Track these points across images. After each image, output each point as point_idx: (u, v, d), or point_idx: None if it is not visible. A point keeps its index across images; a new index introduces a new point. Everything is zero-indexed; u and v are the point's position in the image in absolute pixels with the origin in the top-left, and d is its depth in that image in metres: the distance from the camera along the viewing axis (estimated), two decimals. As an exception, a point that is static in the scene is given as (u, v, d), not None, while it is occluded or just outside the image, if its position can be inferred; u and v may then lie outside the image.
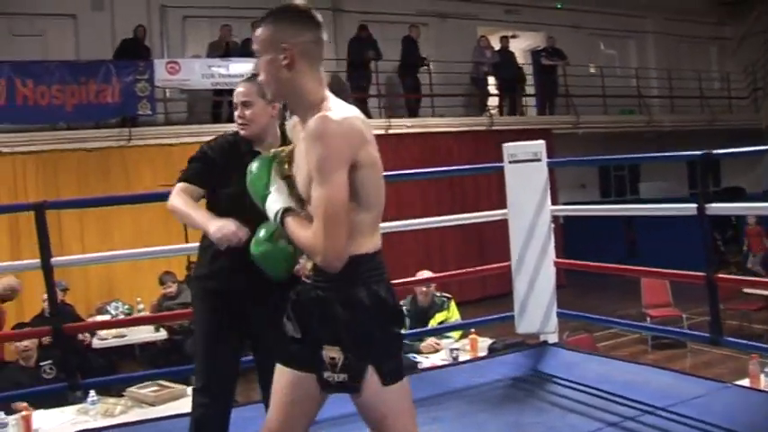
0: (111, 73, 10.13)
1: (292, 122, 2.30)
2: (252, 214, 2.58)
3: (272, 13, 2.09)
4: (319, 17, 2.12)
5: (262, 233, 2.30)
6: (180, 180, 2.95)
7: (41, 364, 5.78)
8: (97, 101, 9.93)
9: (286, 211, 2.14)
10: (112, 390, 5.32)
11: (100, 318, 8.65)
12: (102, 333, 7.75)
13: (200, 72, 10.79)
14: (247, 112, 2.91)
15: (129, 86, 10.16)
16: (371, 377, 2.08)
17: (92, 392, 4.83)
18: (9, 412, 4.58)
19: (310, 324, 2.15)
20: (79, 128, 10.24)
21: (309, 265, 2.17)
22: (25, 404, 4.52)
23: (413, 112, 13.11)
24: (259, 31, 2.10)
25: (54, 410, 4.93)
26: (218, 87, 11.02)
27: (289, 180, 2.22)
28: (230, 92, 10.74)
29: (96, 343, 7.54)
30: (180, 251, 4.84)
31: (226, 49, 11.41)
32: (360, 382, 2.08)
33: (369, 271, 2.14)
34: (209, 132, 10.56)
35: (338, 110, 2.04)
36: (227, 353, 2.95)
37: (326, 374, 2.09)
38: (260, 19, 2.12)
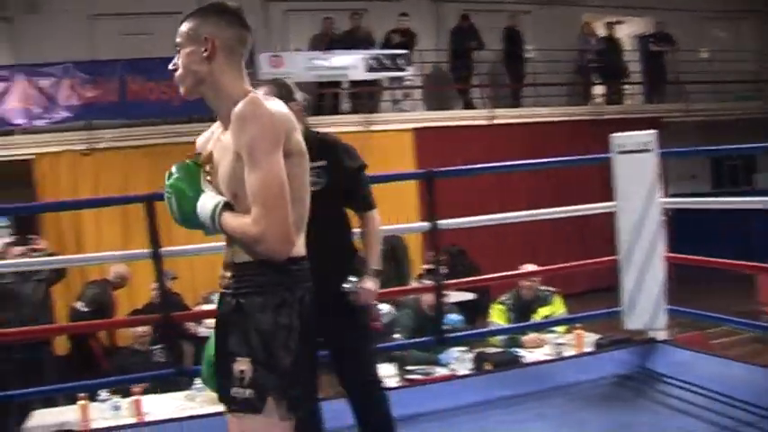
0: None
1: (203, 139, 2.26)
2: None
3: (200, 8, 2.09)
4: (245, 20, 2.13)
5: None
6: None
7: (152, 348, 5.97)
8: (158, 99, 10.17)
9: (226, 205, 1.98)
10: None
11: (206, 307, 8.86)
12: (208, 322, 7.92)
13: (303, 65, 10.91)
14: None
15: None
16: (275, 403, 1.91)
17: (197, 379, 4.95)
18: (124, 395, 4.77)
19: (228, 338, 1.99)
20: (186, 122, 10.51)
21: (228, 272, 2.06)
22: (139, 388, 4.71)
23: (516, 103, 12.92)
24: (183, 25, 2.08)
25: (163, 395, 5.09)
26: (321, 80, 11.13)
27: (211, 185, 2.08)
28: (333, 84, 10.88)
29: (202, 331, 7.71)
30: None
31: (328, 42, 11.50)
32: (265, 400, 1.90)
33: (294, 276, 2.02)
34: (313, 124, 10.69)
35: (265, 97, 2.00)
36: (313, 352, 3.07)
37: (233, 390, 1.92)
38: (187, 15, 2.11)
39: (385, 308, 6.04)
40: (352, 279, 2.96)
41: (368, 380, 3.03)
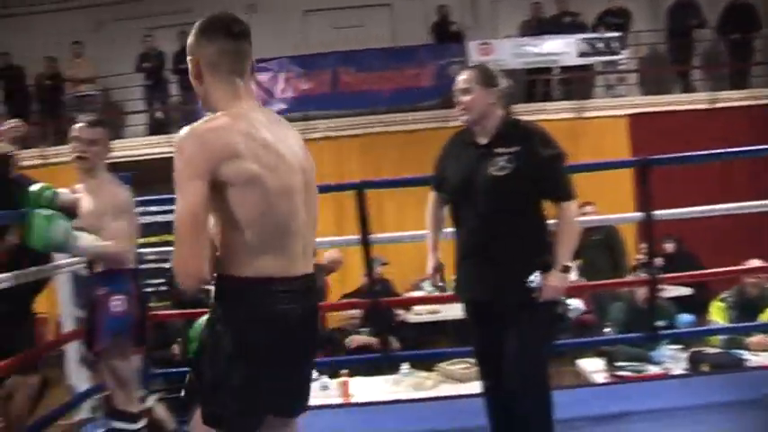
0: (426, 57, 10.45)
1: None
2: (471, 200, 2.92)
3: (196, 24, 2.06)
4: (237, 26, 2.08)
5: None
6: None
7: (360, 331, 6.14)
8: (413, 85, 10.30)
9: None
10: (424, 363, 5.48)
11: (415, 294, 8.99)
12: (417, 308, 8.02)
13: (513, 52, 10.72)
14: (466, 99, 2.96)
15: (443, 69, 10.40)
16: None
17: (404, 365, 5.02)
18: (333, 376, 4.93)
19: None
20: (398, 111, 10.67)
21: None
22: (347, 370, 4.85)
23: (741, 84, 11.96)
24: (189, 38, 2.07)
25: (370, 378, 5.20)
26: (532, 66, 10.90)
27: None
28: (544, 70, 10.58)
29: (411, 317, 7.81)
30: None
31: (537, 27, 11.25)
32: (188, 409, 1.92)
33: (242, 299, 1.94)
34: (522, 111, 10.56)
35: (215, 120, 1.93)
36: (485, 342, 3.07)
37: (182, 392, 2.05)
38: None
39: (574, 303, 5.83)
40: (536, 275, 2.86)
41: (531, 381, 2.92)
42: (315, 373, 4.88)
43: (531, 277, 2.85)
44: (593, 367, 5.15)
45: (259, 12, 12.51)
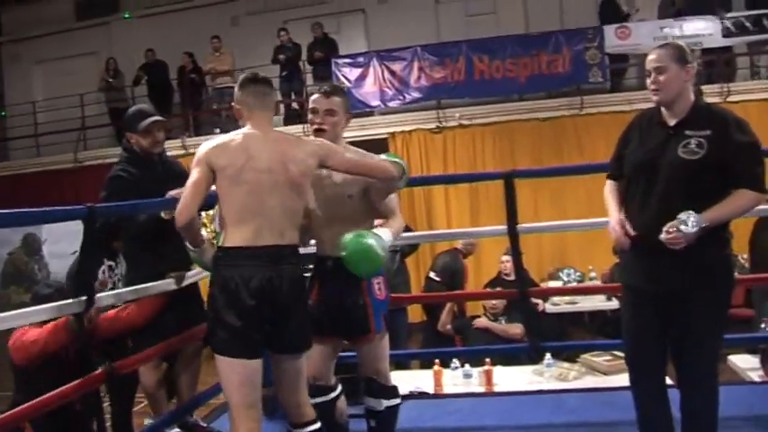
0: (561, 43, 10.24)
1: None
2: (652, 182, 2.79)
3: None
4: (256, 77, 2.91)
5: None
6: None
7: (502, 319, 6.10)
8: (548, 71, 10.13)
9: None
10: (565, 354, 5.38)
11: (552, 283, 8.87)
12: (555, 299, 7.91)
13: (652, 35, 10.29)
14: (661, 78, 2.79)
15: (579, 55, 10.17)
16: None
17: (547, 355, 4.94)
18: (474, 365, 4.92)
19: None
20: (532, 99, 10.51)
21: None
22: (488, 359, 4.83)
23: None
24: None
25: (512, 368, 5.16)
26: (671, 49, 10.45)
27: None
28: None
29: (549, 308, 7.70)
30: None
31: (676, 8, 10.79)
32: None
33: (221, 260, 2.75)
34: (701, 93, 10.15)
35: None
36: (647, 333, 2.89)
37: None
38: None
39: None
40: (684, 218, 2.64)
41: (705, 376, 2.78)
42: (456, 362, 4.94)
43: (682, 216, 2.65)
44: (747, 364, 4.91)
45: (391, 2, 12.62)
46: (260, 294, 2.68)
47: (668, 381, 2.98)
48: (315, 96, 3.20)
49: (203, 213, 2.90)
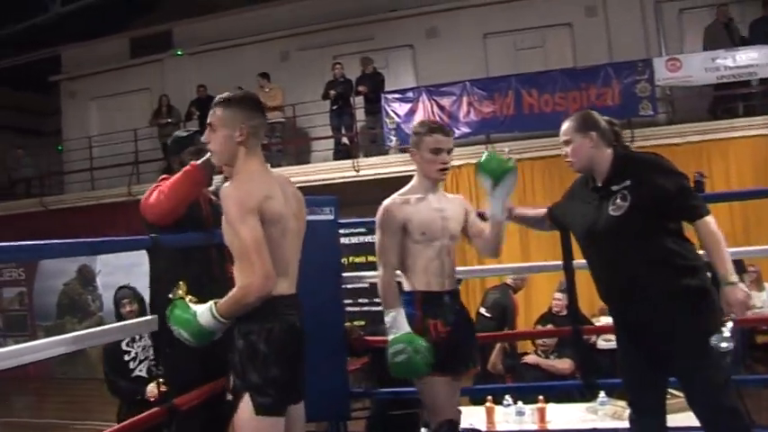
0: (611, 76, 10.22)
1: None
2: (600, 248, 2.96)
3: (233, 97, 2.64)
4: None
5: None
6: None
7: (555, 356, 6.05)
8: (598, 104, 10.09)
9: (213, 304, 2.51)
10: (620, 392, 5.30)
11: (604, 319, 8.74)
12: (608, 335, 7.80)
13: (703, 66, 10.24)
14: (568, 149, 3.00)
15: (629, 88, 10.13)
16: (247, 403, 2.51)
17: (602, 393, 4.87)
18: (526, 402, 4.87)
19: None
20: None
21: None
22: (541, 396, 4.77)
23: None
24: (219, 110, 2.64)
25: (565, 406, 5.09)
26: (724, 81, 10.33)
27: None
28: (739, 84, 9.94)
29: (602, 344, 7.59)
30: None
31: (729, 37, 10.65)
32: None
33: (268, 311, 2.51)
34: (712, 129, 10.10)
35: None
36: (639, 370, 2.98)
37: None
38: (220, 101, 2.64)
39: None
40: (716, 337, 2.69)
41: (721, 408, 2.74)
42: (509, 399, 4.89)
43: (713, 341, 2.68)
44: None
45: (440, 36, 12.77)
46: (301, 342, 2.63)
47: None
48: (438, 136, 3.18)
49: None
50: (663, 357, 2.85)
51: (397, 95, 11.05)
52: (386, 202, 3.22)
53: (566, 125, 3.04)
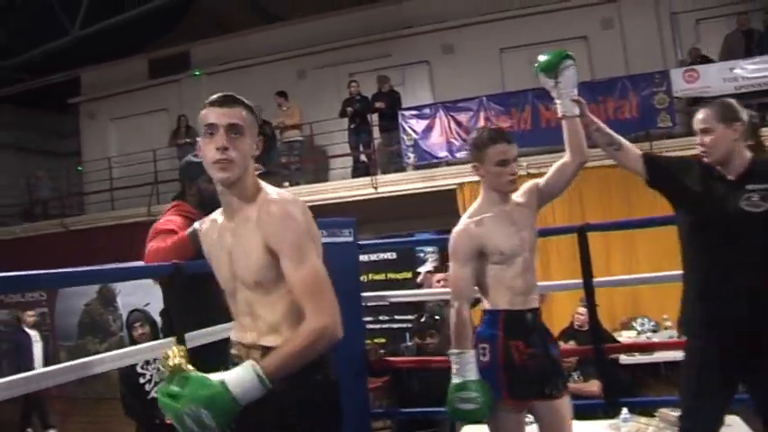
0: (628, 89, 10.18)
1: (204, 227, 2.41)
2: (718, 243, 2.73)
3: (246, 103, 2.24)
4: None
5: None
6: None
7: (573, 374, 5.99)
8: (615, 117, 10.05)
9: (254, 363, 1.98)
10: (642, 408, 5.24)
11: (625, 333, 8.69)
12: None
13: (721, 76, 10.18)
14: (707, 139, 2.80)
15: (647, 100, 10.08)
16: None
17: (624, 410, 4.81)
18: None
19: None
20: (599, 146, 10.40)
21: (255, 353, 2.18)
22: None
23: None
24: (246, 112, 2.21)
25: (586, 423, 5.03)
26: (743, 91, 10.26)
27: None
28: (755, 94, 9.87)
29: (624, 359, 7.53)
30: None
31: (747, 46, 10.60)
32: None
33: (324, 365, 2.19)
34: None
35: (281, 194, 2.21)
36: (715, 397, 2.82)
37: None
38: (244, 101, 2.23)
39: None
40: None
41: None
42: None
43: None
44: None
45: (456, 52, 12.80)
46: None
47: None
48: (502, 146, 2.94)
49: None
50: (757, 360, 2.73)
51: (414, 112, 11.06)
52: (457, 228, 2.98)
53: (705, 113, 2.84)
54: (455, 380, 2.83)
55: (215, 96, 2.24)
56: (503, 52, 12.72)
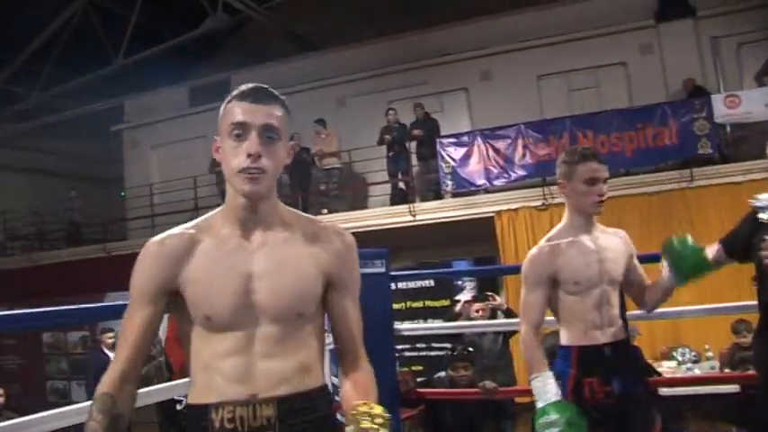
0: (668, 115, 10.08)
1: (182, 240, 1.85)
2: None
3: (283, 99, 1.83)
4: None
5: None
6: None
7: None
8: (655, 144, 9.97)
9: None
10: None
11: (666, 363, 8.54)
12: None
13: (763, 101, 10.05)
14: None
15: (687, 126, 9.97)
16: None
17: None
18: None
19: None
20: (639, 173, 10.33)
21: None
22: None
23: None
24: (283, 112, 1.81)
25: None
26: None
27: None
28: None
29: (664, 390, 7.39)
30: (745, 308, 4.51)
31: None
32: None
33: None
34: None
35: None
36: None
37: None
38: (281, 98, 1.82)
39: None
40: None
41: None
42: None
43: None
44: None
45: (493, 78, 12.82)
46: None
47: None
48: (592, 164, 2.80)
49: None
50: None
51: (452, 140, 11.07)
52: (533, 251, 2.88)
53: None
54: (538, 405, 2.68)
55: (246, 87, 1.82)
56: (540, 79, 12.70)
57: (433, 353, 9.82)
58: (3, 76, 15.28)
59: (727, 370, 7.51)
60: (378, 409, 1.70)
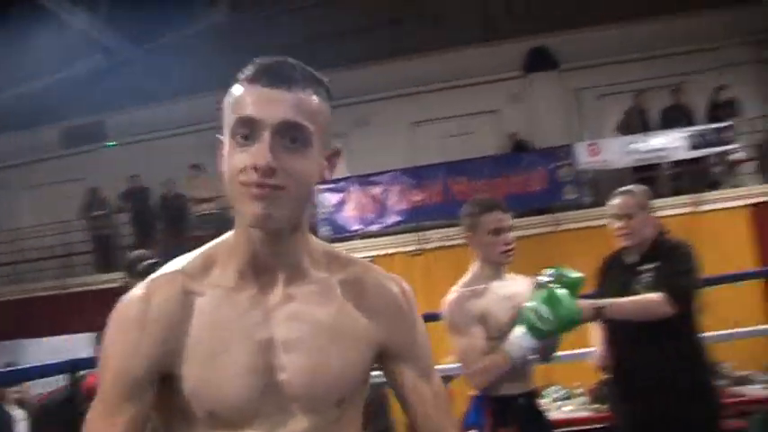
0: (536, 162, 10.51)
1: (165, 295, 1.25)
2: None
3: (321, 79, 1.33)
4: None
5: None
6: None
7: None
8: (523, 191, 10.35)
9: None
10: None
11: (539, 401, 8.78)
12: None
13: (621, 150, 10.65)
14: (624, 224, 3.05)
15: (553, 173, 10.43)
16: None
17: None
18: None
19: None
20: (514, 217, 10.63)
21: None
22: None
23: None
24: (317, 100, 1.30)
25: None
26: (640, 164, 10.74)
27: None
28: (650, 167, 10.31)
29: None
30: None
31: (642, 121, 11.16)
32: None
33: None
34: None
35: None
36: None
37: None
38: (307, 73, 1.29)
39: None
40: None
41: None
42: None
43: None
44: None
45: (369, 125, 12.98)
46: None
47: None
48: (497, 213, 2.89)
49: None
50: None
51: (329, 186, 11.14)
52: (451, 296, 2.79)
53: (627, 199, 3.00)
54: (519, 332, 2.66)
55: (263, 62, 1.23)
56: (415, 125, 13.00)
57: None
58: None
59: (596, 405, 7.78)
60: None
